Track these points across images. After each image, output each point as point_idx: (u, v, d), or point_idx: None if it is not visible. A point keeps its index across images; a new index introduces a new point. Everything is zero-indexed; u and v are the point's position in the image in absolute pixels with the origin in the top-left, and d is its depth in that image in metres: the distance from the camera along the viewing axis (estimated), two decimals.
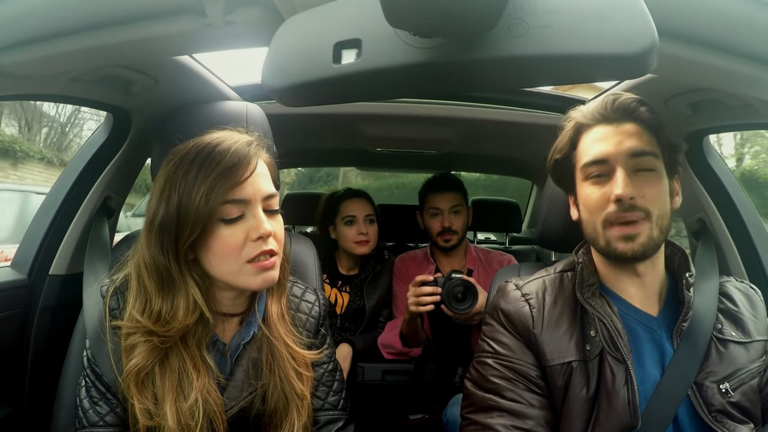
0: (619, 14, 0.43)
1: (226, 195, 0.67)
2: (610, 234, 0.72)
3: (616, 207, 0.71)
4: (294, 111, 1.34)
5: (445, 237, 1.60)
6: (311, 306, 0.87)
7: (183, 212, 0.67)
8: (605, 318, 0.73)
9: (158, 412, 0.67)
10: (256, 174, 0.71)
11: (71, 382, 0.88)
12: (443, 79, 0.48)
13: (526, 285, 0.83)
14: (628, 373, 0.70)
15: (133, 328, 0.69)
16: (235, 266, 0.70)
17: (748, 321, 0.76)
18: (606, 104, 0.75)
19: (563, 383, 0.72)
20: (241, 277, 0.70)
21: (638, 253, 0.71)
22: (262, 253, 0.70)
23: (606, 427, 0.69)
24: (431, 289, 1.26)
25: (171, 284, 0.69)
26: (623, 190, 0.69)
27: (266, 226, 0.69)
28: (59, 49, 0.67)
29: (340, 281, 1.67)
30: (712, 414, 0.69)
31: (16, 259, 1.11)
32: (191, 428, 0.67)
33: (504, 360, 0.76)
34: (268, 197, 0.73)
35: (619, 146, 0.72)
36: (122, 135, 1.13)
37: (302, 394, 0.76)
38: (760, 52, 0.61)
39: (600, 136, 0.75)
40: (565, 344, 0.74)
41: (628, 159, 0.72)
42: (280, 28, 0.51)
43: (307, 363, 0.79)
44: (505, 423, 0.70)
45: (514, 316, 0.78)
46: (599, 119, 0.76)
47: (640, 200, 0.70)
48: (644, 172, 0.72)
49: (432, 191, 1.65)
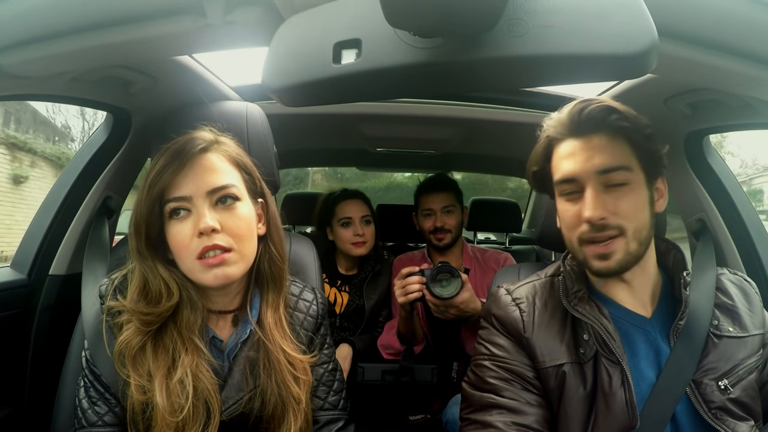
0: (619, 14, 0.43)
1: (165, 194, 0.71)
2: (586, 251, 0.72)
3: (588, 227, 0.70)
4: (294, 111, 1.34)
5: (437, 236, 1.61)
6: (309, 305, 0.87)
7: (140, 212, 0.71)
8: (595, 322, 0.73)
9: (151, 387, 0.69)
10: (198, 169, 0.72)
11: (71, 382, 0.88)
12: (443, 80, 0.48)
13: (516, 290, 0.83)
14: (624, 375, 0.70)
15: (123, 308, 0.73)
16: (188, 263, 0.71)
17: (744, 315, 0.76)
18: (574, 115, 0.72)
19: (556, 385, 0.73)
20: (196, 275, 0.71)
21: (614, 270, 0.71)
22: (206, 249, 0.69)
23: (605, 428, 0.69)
24: (417, 278, 1.26)
25: (152, 267, 0.73)
26: (592, 213, 0.68)
27: (205, 221, 0.69)
28: (59, 49, 0.67)
29: (339, 281, 1.67)
30: (712, 411, 0.69)
31: (16, 258, 1.11)
32: (182, 407, 0.68)
33: (500, 361, 0.76)
34: (214, 191, 0.72)
35: (587, 163, 0.70)
36: (122, 135, 1.13)
37: (299, 398, 0.76)
38: (760, 52, 0.61)
39: (569, 151, 0.73)
40: (556, 346, 0.74)
41: (597, 176, 0.70)
42: (280, 28, 0.51)
43: (305, 367, 0.79)
44: (505, 420, 0.70)
45: (505, 320, 0.79)
46: (568, 132, 0.73)
47: (612, 218, 0.69)
48: (616, 187, 0.70)
49: (424, 192, 1.67)
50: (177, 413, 0.68)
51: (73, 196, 1.10)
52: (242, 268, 0.74)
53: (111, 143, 1.12)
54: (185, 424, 0.69)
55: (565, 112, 0.74)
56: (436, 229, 1.60)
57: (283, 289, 0.82)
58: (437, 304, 1.25)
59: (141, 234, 0.72)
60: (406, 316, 1.37)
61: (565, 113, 0.74)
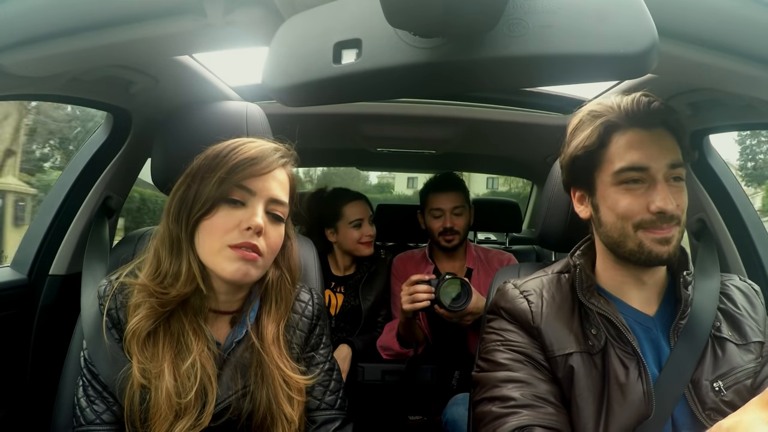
0: (619, 14, 0.43)
1: (239, 181, 0.74)
2: (643, 237, 0.72)
3: (655, 217, 0.71)
4: (294, 111, 1.34)
5: (447, 237, 1.59)
6: (304, 306, 0.87)
7: (201, 190, 0.74)
8: (611, 315, 0.73)
9: (155, 371, 0.71)
10: (272, 175, 0.77)
11: (71, 382, 0.88)
12: (443, 80, 0.48)
13: (524, 284, 0.84)
14: (641, 365, 0.70)
15: (139, 286, 0.75)
16: (217, 245, 0.73)
17: (746, 323, 0.77)
18: (639, 105, 0.72)
19: (566, 374, 0.73)
20: (218, 259, 0.73)
21: (672, 255, 0.72)
22: (246, 244, 0.73)
23: (621, 419, 0.69)
24: (425, 287, 1.27)
25: (179, 251, 0.75)
26: (667, 204, 0.69)
27: (258, 220, 0.73)
28: (59, 49, 0.67)
29: (333, 282, 1.66)
30: (706, 412, 0.69)
31: (16, 258, 1.11)
32: (186, 389, 0.71)
33: (513, 345, 0.77)
34: (274, 201, 0.77)
35: (660, 157, 0.71)
36: (122, 135, 1.13)
37: (291, 418, 0.76)
38: (760, 52, 0.61)
39: (637, 141, 0.72)
40: (565, 336, 0.75)
41: (668, 170, 0.72)
42: (280, 28, 0.51)
43: (300, 388, 0.79)
44: (523, 392, 0.71)
45: (514, 311, 0.79)
46: (632, 121, 0.73)
47: (675, 209, 0.71)
48: (677, 181, 0.73)
49: (434, 191, 1.63)
50: (183, 395, 0.70)
51: (73, 196, 1.10)
52: (259, 275, 0.77)
53: (111, 143, 1.12)
54: (186, 408, 0.70)
55: (629, 101, 0.73)
56: (445, 230, 1.58)
57: (287, 310, 0.84)
58: (451, 316, 1.27)
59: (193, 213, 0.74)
60: (406, 321, 1.37)
61: (628, 102, 0.73)
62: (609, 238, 0.76)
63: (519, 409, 0.69)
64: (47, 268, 1.10)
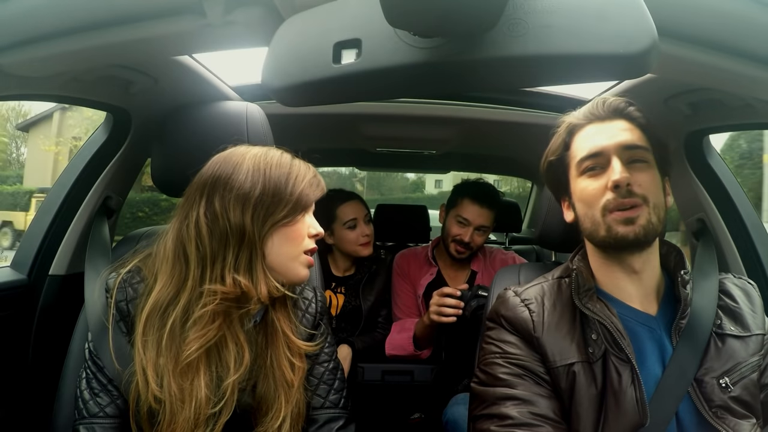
0: (619, 14, 0.43)
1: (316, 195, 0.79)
2: (610, 219, 0.73)
3: (614, 194, 0.72)
4: (294, 111, 1.34)
5: (459, 248, 1.53)
6: (308, 303, 0.88)
7: (280, 194, 0.74)
8: (605, 320, 0.73)
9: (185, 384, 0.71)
10: None
11: (71, 382, 0.88)
12: (443, 79, 0.48)
13: (525, 291, 0.83)
14: (634, 373, 0.70)
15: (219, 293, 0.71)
16: (296, 252, 0.77)
17: (746, 316, 0.77)
18: (596, 105, 0.79)
19: (568, 385, 0.73)
20: (294, 264, 0.77)
21: (640, 235, 0.71)
22: (312, 251, 0.79)
23: (615, 426, 0.69)
24: (454, 302, 1.25)
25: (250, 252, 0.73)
26: (620, 176, 0.71)
27: (320, 229, 0.81)
28: (59, 49, 0.67)
29: (333, 282, 1.66)
30: (713, 410, 0.69)
31: (16, 259, 1.11)
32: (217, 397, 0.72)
33: (512, 358, 0.76)
34: None
35: (613, 139, 0.75)
36: (122, 135, 1.12)
37: (291, 382, 0.77)
38: (760, 52, 0.61)
39: (593, 132, 0.78)
40: (566, 346, 0.75)
41: (622, 151, 0.74)
42: (280, 28, 0.51)
43: (301, 354, 0.81)
44: (521, 410, 0.71)
45: (515, 320, 0.79)
46: (591, 119, 0.78)
47: (636, 187, 0.72)
48: (638, 163, 0.74)
49: (470, 198, 1.52)
50: (214, 405, 0.71)
51: (73, 196, 1.10)
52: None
53: (111, 143, 1.12)
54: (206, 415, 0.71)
55: (586, 106, 0.80)
56: (461, 242, 1.52)
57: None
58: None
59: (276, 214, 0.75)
60: (427, 326, 1.36)
61: (585, 107, 0.80)
62: (586, 230, 0.78)
63: (517, 428, 0.69)
64: (47, 268, 1.10)
